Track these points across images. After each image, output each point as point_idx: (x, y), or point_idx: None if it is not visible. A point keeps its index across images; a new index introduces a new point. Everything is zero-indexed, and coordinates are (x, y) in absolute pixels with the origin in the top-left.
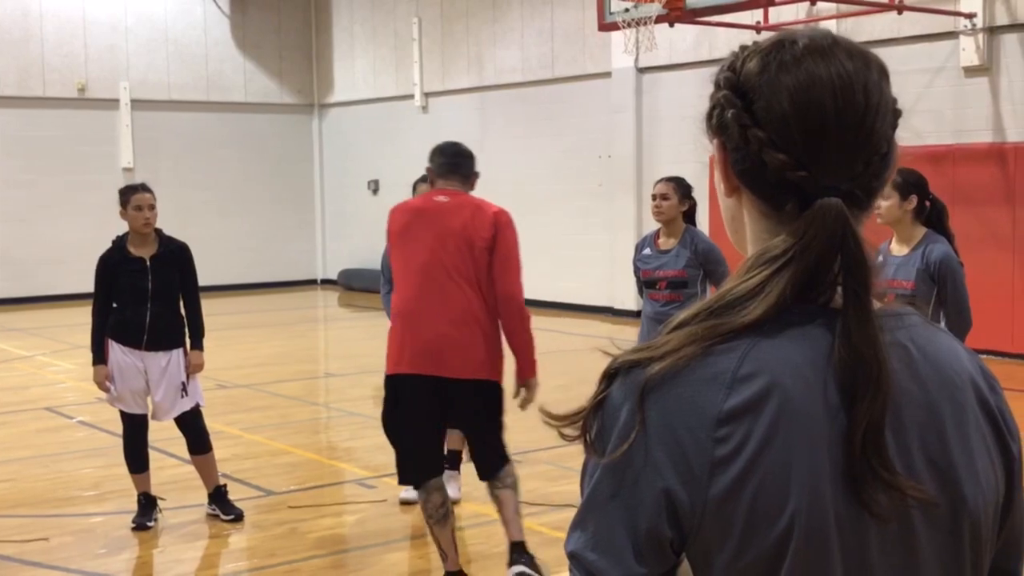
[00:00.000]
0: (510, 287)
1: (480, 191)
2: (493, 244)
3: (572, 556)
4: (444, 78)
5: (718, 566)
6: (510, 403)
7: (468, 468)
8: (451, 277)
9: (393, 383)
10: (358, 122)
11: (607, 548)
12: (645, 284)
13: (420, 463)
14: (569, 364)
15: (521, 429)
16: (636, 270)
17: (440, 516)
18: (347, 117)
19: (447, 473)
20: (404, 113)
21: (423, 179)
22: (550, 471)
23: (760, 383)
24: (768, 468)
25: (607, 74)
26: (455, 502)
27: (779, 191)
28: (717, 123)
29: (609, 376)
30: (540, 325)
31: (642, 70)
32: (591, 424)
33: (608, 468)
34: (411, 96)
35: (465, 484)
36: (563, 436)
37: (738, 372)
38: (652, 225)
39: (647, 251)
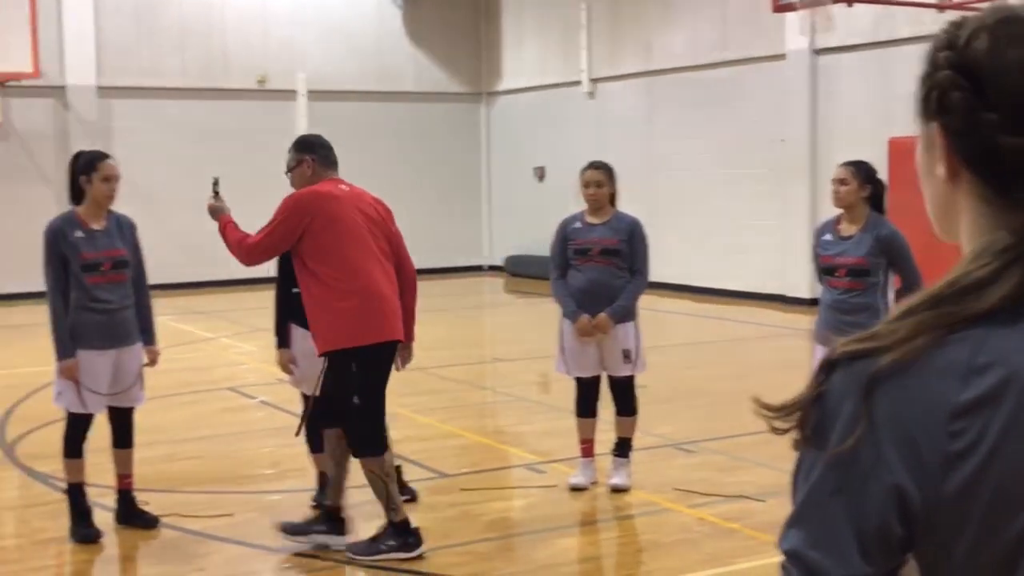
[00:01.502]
0: (413, 266)
1: (649, 176)
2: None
3: (791, 554)
4: (612, 63)
5: (951, 564)
6: (665, 392)
7: (638, 456)
8: (386, 257)
9: (378, 351)
10: (525, 109)
11: (831, 546)
12: (824, 271)
13: (383, 427)
14: (741, 353)
15: (692, 419)
16: (815, 256)
17: (393, 472)
18: (514, 105)
19: (617, 460)
20: (571, 100)
21: (591, 165)
22: (721, 461)
23: (997, 374)
24: (1007, 463)
25: (781, 56)
26: (625, 490)
27: (1012, 178)
28: (937, 106)
29: (829, 366)
30: (710, 313)
31: (818, 51)
32: (809, 417)
33: (831, 463)
34: (578, 82)
35: (635, 472)
36: (774, 429)
37: (973, 363)
38: (827, 210)
39: (827, 237)
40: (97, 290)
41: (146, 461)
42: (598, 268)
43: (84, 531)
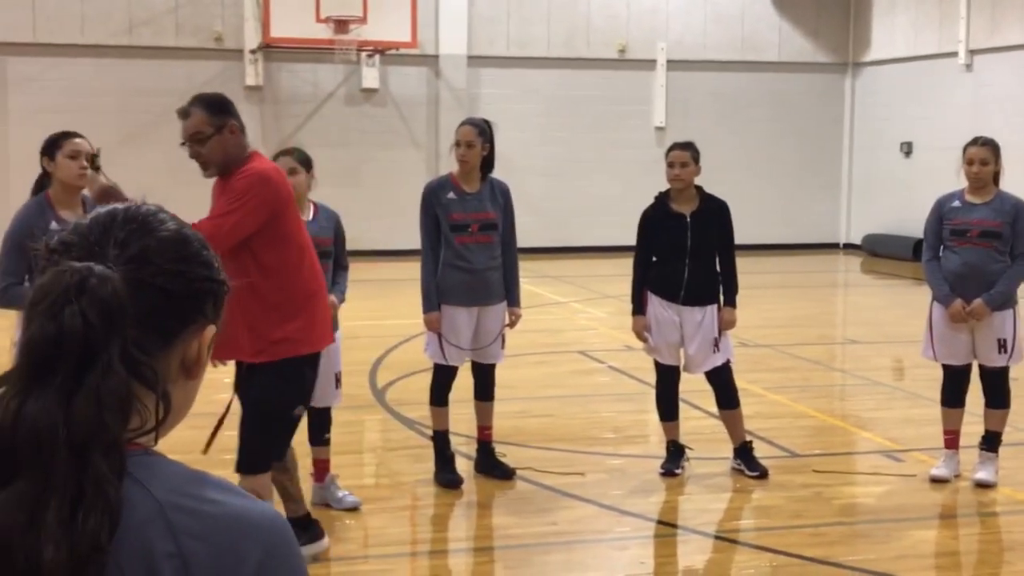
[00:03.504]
0: None
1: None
2: None
3: None
4: (993, 34)
5: None
6: None
7: (1006, 451)
8: None
9: (314, 360)
10: (894, 81)
11: None
12: None
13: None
14: None
15: None
16: None
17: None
18: (882, 76)
19: (984, 454)
20: (945, 72)
21: (977, 141)
22: None
23: None
24: None
25: None
26: (991, 486)
27: None
28: None
29: None
30: None
31: None
32: None
33: None
34: (954, 54)
35: (1002, 468)
36: None
37: None
38: None
39: None
40: (464, 250)
41: (503, 415)
42: (975, 250)
43: (448, 476)
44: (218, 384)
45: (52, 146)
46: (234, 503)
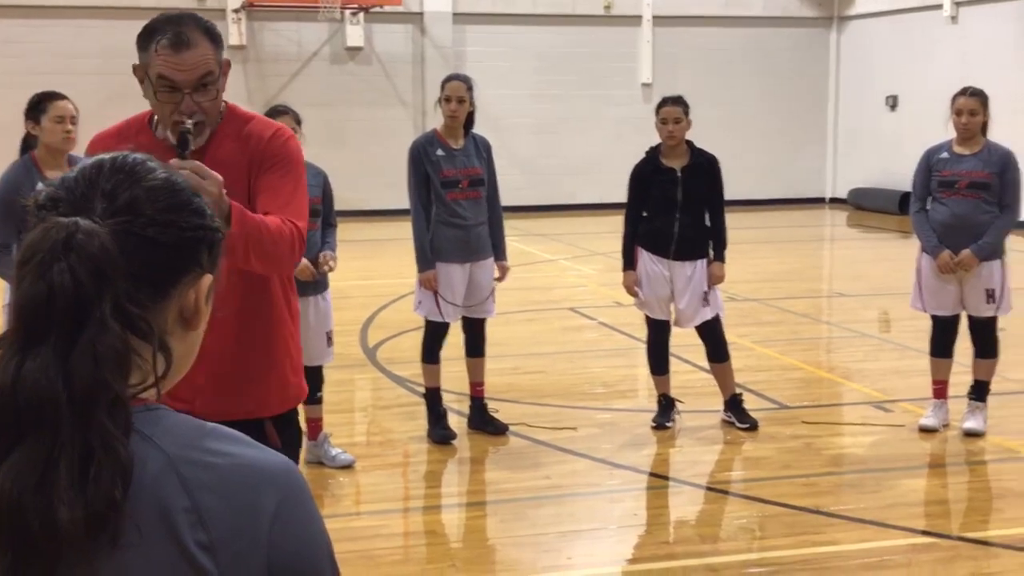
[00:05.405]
0: None
1: (1015, 109)
2: None
3: None
4: None
5: None
6: None
7: (994, 400)
8: None
9: None
10: (879, 35)
11: None
12: None
13: None
14: None
15: None
16: None
17: None
18: (868, 30)
19: (972, 404)
20: (931, 24)
21: (965, 92)
22: None
23: None
24: None
25: None
26: (979, 435)
27: None
28: None
29: None
30: None
31: None
32: None
33: None
34: (939, 6)
35: (991, 417)
36: None
37: None
38: None
39: None
40: (456, 206)
41: (495, 372)
42: (964, 201)
43: (441, 432)
44: None
45: (36, 108)
46: (245, 453)
